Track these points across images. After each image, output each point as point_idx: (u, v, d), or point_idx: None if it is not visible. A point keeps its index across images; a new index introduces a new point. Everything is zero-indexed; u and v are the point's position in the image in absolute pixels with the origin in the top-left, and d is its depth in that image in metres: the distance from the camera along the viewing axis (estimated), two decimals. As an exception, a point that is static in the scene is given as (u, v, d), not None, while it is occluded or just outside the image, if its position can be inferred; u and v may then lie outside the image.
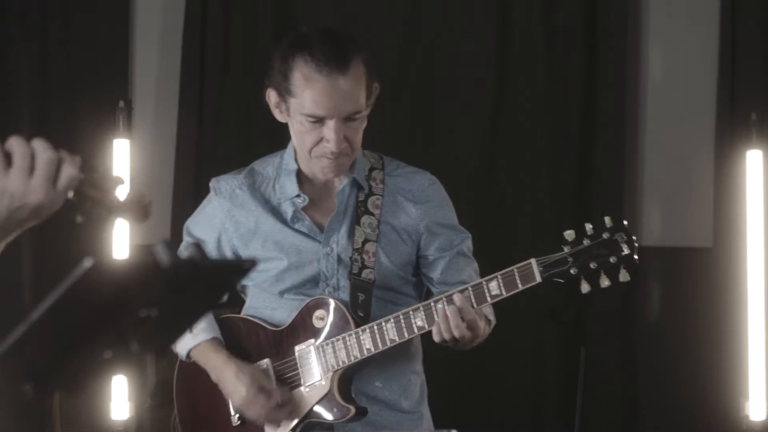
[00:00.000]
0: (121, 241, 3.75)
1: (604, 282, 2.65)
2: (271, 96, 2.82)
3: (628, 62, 4.20)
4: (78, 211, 1.84)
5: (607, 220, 2.68)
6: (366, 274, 2.84)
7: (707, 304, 4.05)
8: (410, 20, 4.19)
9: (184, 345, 2.89)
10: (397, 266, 2.88)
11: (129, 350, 1.63)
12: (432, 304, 2.73)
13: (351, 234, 2.85)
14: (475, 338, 2.74)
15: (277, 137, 4.18)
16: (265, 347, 2.86)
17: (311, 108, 2.72)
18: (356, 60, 2.72)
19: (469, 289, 2.70)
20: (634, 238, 2.66)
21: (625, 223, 2.69)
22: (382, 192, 2.89)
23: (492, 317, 2.87)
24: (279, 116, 2.85)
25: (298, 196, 2.86)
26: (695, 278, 4.13)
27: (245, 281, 2.95)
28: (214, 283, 1.77)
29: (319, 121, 2.73)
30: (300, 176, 2.87)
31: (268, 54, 4.13)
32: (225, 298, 2.94)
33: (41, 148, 1.80)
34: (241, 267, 1.87)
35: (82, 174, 1.82)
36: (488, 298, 2.69)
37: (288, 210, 2.87)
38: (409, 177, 2.94)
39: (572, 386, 4.00)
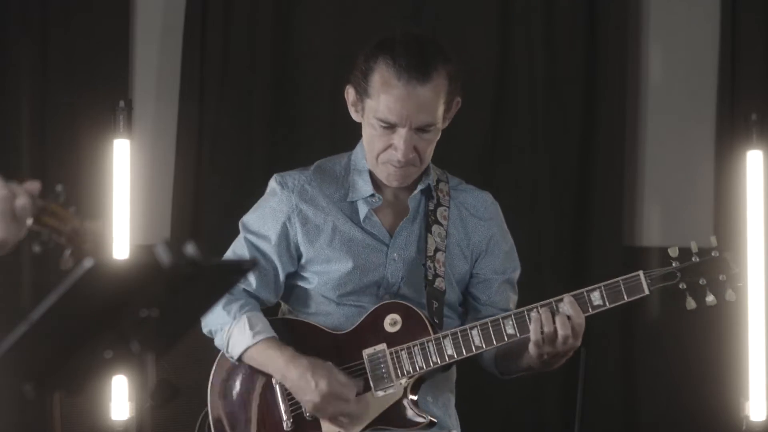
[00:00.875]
0: (121, 241, 3.75)
1: (711, 299, 2.68)
2: (350, 93, 2.77)
3: (628, 62, 4.20)
4: (36, 240, 1.82)
5: (713, 239, 2.71)
6: (438, 282, 2.79)
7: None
8: (410, 21, 4.19)
9: (237, 344, 2.78)
10: (456, 282, 2.84)
11: (129, 350, 1.63)
12: (525, 312, 2.67)
13: (422, 241, 2.79)
14: (573, 349, 2.68)
15: (278, 137, 4.20)
16: (326, 351, 2.74)
17: (384, 113, 2.67)
18: (439, 71, 2.68)
19: (573, 296, 2.65)
20: (743, 258, 2.73)
21: (735, 243, 2.77)
22: (448, 204, 2.85)
23: None
24: (354, 115, 2.79)
25: (372, 195, 2.80)
26: (695, 278, 4.13)
27: (301, 283, 2.86)
28: (214, 283, 1.77)
29: (391, 127, 2.68)
30: (372, 176, 2.82)
31: (268, 54, 4.19)
32: (274, 300, 2.87)
33: None
34: (241, 267, 1.88)
35: (40, 202, 1.81)
36: (590, 309, 2.64)
37: (361, 209, 2.81)
38: (474, 193, 2.91)
39: (572, 386, 4.00)
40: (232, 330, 2.80)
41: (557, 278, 4.17)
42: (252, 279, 2.85)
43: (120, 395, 3.69)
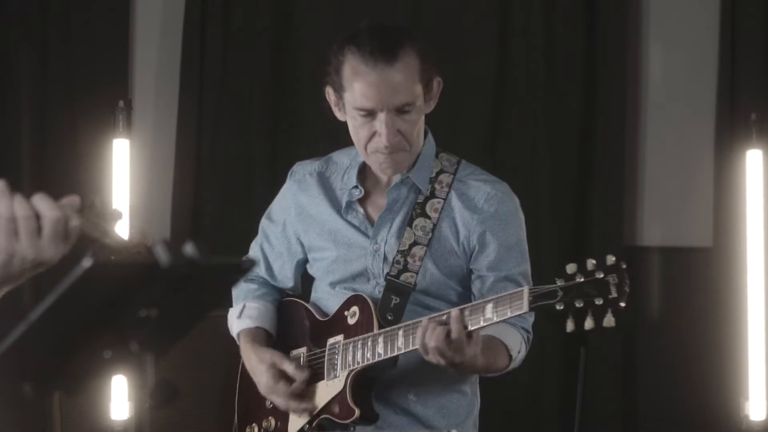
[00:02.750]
0: (120, 241, 3.75)
1: (589, 323, 2.49)
2: (330, 94, 2.77)
3: (628, 62, 4.20)
4: (81, 252, 1.83)
5: (609, 258, 2.50)
6: (406, 277, 2.76)
7: (707, 304, 4.05)
8: (410, 20, 4.19)
9: (231, 328, 2.99)
10: (446, 275, 2.79)
11: (129, 350, 1.63)
12: (437, 317, 2.62)
13: (400, 234, 2.78)
14: (462, 364, 2.59)
15: (277, 137, 4.20)
16: (308, 335, 2.88)
17: (361, 101, 2.67)
18: (407, 50, 2.67)
19: (467, 309, 2.58)
20: (627, 282, 2.47)
21: (624, 265, 2.49)
22: (445, 196, 2.80)
23: (515, 353, 2.77)
24: (339, 114, 2.79)
25: (355, 187, 2.82)
26: (695, 278, 4.13)
27: (308, 268, 2.97)
28: (213, 283, 1.77)
29: (370, 114, 2.67)
30: (364, 169, 2.83)
31: (268, 54, 4.19)
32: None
33: (46, 208, 1.77)
34: (240, 267, 1.87)
35: (82, 217, 1.81)
36: (481, 321, 2.56)
37: (344, 200, 2.85)
38: (478, 185, 2.84)
39: (572, 386, 4.00)
40: (231, 314, 3.00)
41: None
42: (261, 264, 3.00)
43: (120, 395, 3.69)
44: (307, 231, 2.89)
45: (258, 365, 2.84)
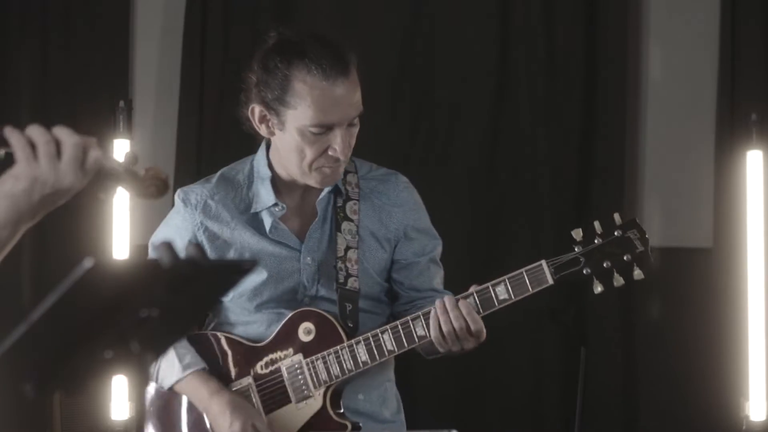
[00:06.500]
0: (121, 241, 3.75)
1: (619, 281, 2.56)
2: (255, 111, 2.70)
3: (628, 62, 4.20)
4: (99, 189, 1.88)
5: (617, 217, 2.59)
6: (351, 282, 2.72)
7: (707, 304, 4.05)
8: (410, 20, 4.19)
9: (166, 376, 2.75)
10: (376, 273, 2.77)
11: (129, 350, 1.63)
12: (433, 311, 2.62)
13: (332, 242, 2.73)
14: (477, 341, 2.63)
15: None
16: (245, 364, 2.73)
17: (319, 118, 2.58)
18: (352, 60, 2.61)
19: (474, 295, 2.59)
20: (647, 235, 2.57)
21: (637, 220, 2.61)
22: (358, 196, 2.77)
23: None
24: (264, 131, 2.71)
25: (275, 204, 2.73)
26: (695, 278, 4.13)
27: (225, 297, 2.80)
28: (213, 283, 1.77)
29: (325, 131, 2.59)
30: (275, 184, 2.74)
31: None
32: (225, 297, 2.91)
33: (65, 134, 1.83)
34: (241, 267, 1.88)
35: (109, 160, 1.87)
36: (496, 303, 2.58)
37: (266, 220, 2.74)
38: (384, 179, 2.82)
39: (572, 386, 4.00)
40: (160, 362, 2.76)
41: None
42: None
43: (120, 395, 3.69)
44: (224, 257, 2.71)
45: (233, 413, 2.66)
